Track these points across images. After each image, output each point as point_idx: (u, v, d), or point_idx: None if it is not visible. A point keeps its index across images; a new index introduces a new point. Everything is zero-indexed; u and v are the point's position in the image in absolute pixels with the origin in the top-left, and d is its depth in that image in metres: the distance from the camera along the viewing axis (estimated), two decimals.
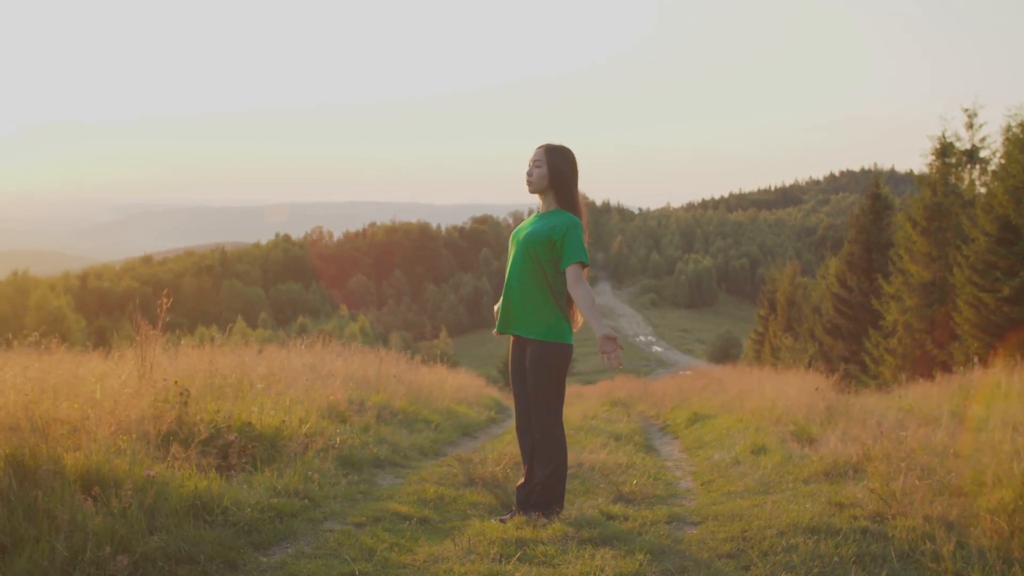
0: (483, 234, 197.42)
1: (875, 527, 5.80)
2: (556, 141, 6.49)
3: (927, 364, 30.12)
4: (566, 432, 11.43)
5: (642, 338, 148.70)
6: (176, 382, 7.96)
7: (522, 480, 6.60)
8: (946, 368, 22.67)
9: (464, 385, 18.23)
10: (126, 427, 6.76)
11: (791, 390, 12.90)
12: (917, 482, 6.31)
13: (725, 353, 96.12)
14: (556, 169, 6.42)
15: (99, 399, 7.31)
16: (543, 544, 5.63)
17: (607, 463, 8.85)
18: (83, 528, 4.91)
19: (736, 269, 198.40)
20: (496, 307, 6.64)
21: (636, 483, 7.98)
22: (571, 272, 6.21)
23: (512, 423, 13.50)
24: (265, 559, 5.45)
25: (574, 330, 6.54)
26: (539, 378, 6.34)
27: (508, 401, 20.59)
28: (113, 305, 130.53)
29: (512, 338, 6.58)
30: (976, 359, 17.53)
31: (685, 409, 15.49)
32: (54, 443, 5.71)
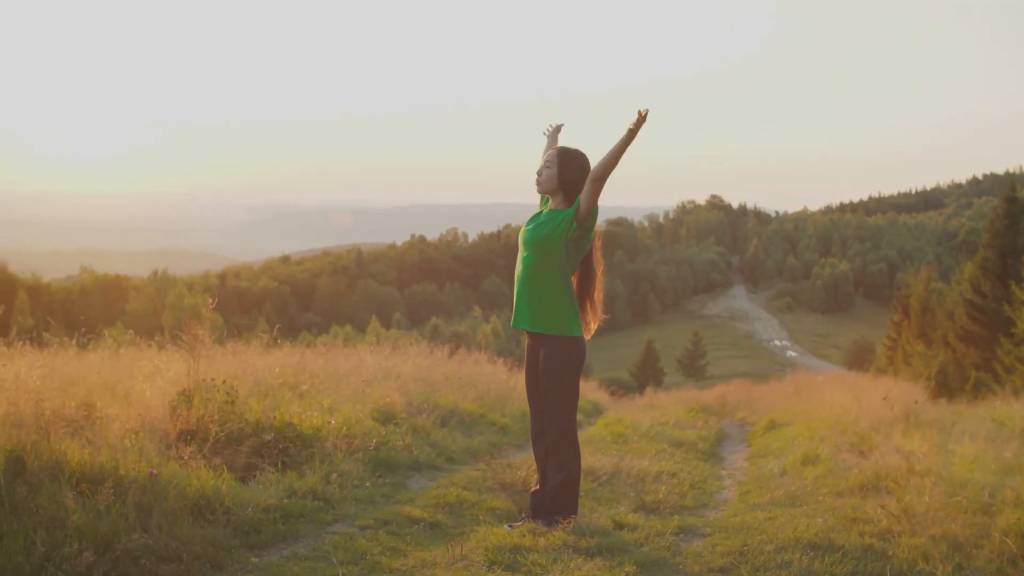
0: (617, 236, 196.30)
1: (880, 545, 5.58)
2: (571, 145, 6.46)
3: None
4: (631, 438, 11.34)
5: (777, 342, 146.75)
6: (224, 381, 8.03)
7: (536, 486, 6.51)
8: None
9: None
10: (146, 425, 6.84)
11: (872, 398, 12.48)
12: (944, 499, 6.06)
13: (860, 359, 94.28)
14: (566, 172, 6.35)
15: (129, 397, 7.42)
16: (537, 553, 5.52)
17: (647, 471, 8.63)
18: (62, 524, 4.97)
19: (874, 273, 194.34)
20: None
21: (664, 492, 7.78)
22: (585, 187, 6.16)
23: (589, 428, 13.36)
24: (257, 560, 5.46)
25: (586, 336, 6.43)
26: (552, 377, 6.23)
27: (611, 404, 20.42)
28: (250, 304, 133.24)
29: (527, 340, 6.50)
30: None
31: (768, 416, 15.18)
32: (58, 440, 5.79)
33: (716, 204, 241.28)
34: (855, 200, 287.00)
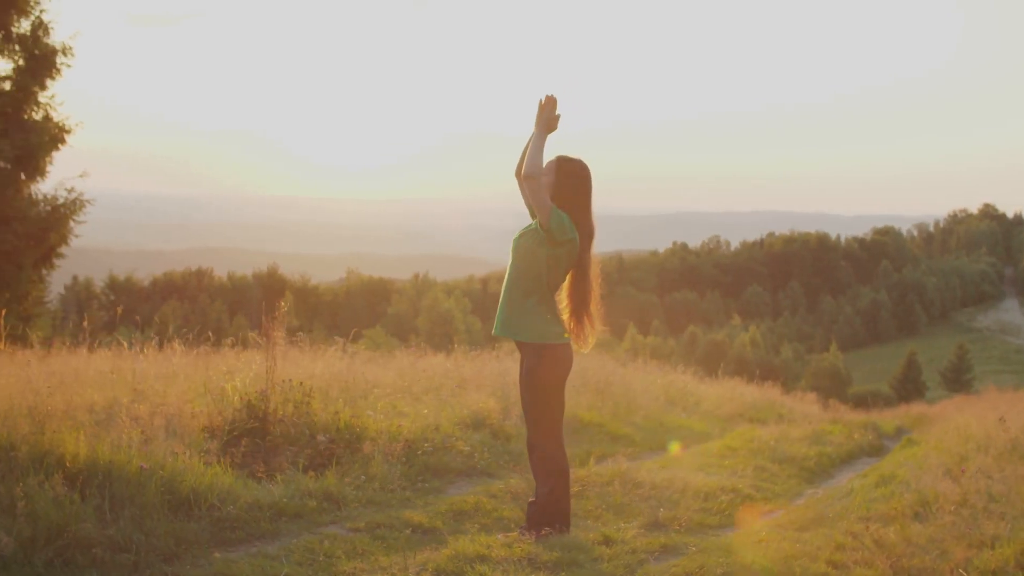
0: (883, 246, 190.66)
1: (834, 574, 5.23)
2: (573, 154, 6.35)
3: None
4: (739, 452, 10.95)
5: None
6: (301, 383, 8.23)
7: (533, 497, 6.40)
8: None
9: (733, 398, 17.74)
10: (168, 422, 7.07)
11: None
12: (959, 530, 5.64)
13: None
14: (563, 180, 6.22)
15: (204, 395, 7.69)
16: (487, 563, 5.47)
17: (696, 486, 8.27)
18: (11, 510, 5.23)
19: None
20: None
21: (684, 509, 7.47)
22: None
23: (717, 440, 13.03)
24: (220, 555, 5.58)
25: (584, 349, 6.33)
26: (531, 384, 6.15)
27: (811, 417, 19.73)
28: None
29: (519, 351, 6.42)
30: None
31: (908, 435, 14.47)
32: (52, 434, 6.06)
33: (989, 213, 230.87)
34: None
